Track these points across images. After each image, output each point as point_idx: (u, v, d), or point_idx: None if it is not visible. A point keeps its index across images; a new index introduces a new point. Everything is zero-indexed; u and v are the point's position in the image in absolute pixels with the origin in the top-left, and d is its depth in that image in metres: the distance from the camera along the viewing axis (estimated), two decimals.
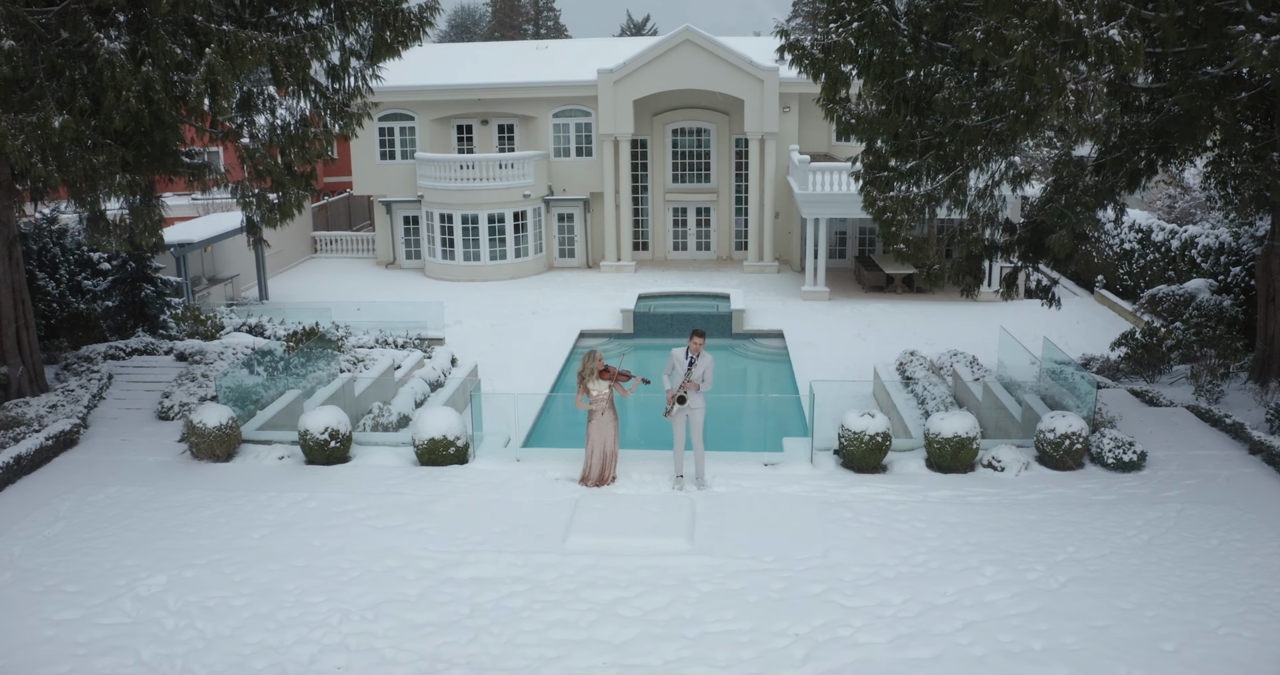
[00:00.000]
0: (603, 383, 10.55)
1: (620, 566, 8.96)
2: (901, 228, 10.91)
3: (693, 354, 10.41)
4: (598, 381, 10.53)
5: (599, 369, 10.52)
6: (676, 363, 10.49)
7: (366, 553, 9.28)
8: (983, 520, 9.83)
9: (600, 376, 10.51)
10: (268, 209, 11.63)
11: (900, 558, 9.06)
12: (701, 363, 10.41)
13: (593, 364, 10.52)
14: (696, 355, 10.41)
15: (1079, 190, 10.78)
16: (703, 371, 10.40)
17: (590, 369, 10.52)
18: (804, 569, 8.86)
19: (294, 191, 11.48)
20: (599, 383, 10.53)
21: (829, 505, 10.20)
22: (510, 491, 10.65)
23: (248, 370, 13.93)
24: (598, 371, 10.51)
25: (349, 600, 8.45)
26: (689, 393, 10.32)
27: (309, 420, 11.51)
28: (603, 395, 10.54)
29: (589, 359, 10.58)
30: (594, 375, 10.51)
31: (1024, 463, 11.14)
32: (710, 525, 9.79)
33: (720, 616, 8.12)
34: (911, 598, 8.33)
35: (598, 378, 10.52)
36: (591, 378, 10.52)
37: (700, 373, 10.38)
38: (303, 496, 10.64)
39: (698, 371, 10.36)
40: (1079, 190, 10.78)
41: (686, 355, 10.44)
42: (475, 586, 8.62)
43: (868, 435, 10.96)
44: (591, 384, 10.52)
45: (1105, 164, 11.83)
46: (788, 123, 29.35)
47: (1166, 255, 22.76)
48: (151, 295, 19.41)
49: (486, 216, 28.85)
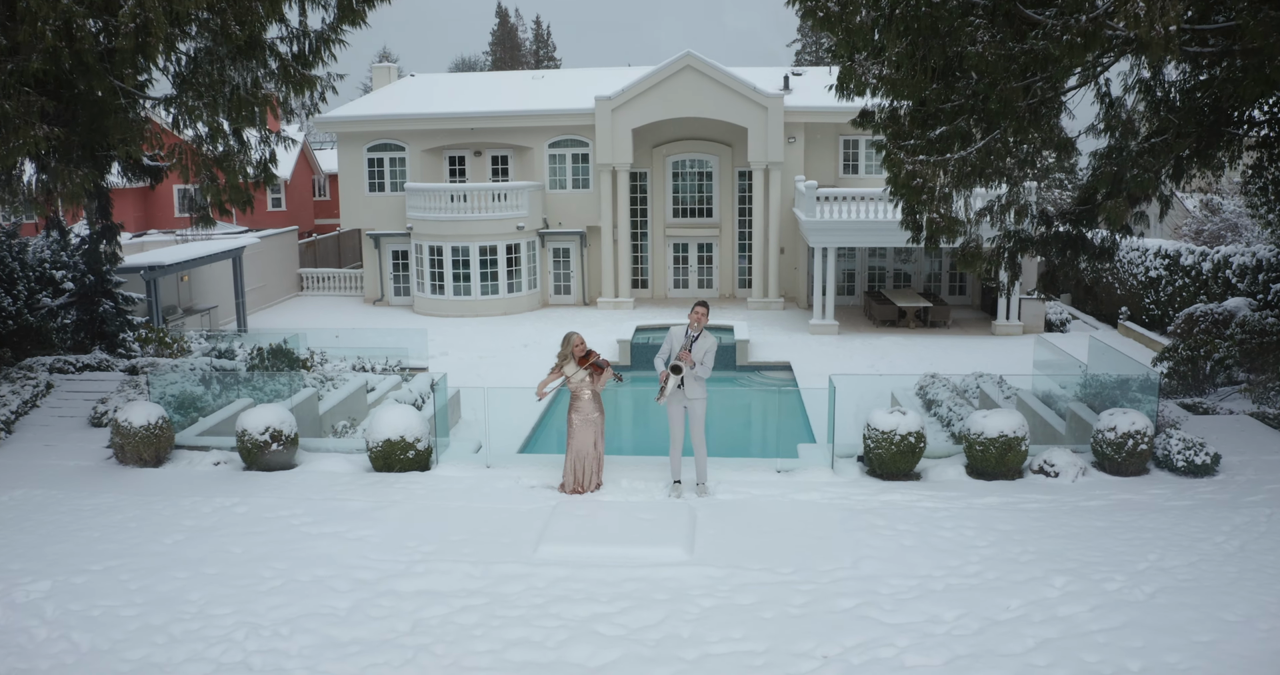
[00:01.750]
0: (581, 369, 9.00)
1: (601, 579, 7.28)
2: (933, 196, 9.49)
3: (693, 331, 8.89)
4: (575, 367, 8.98)
5: (579, 354, 8.98)
6: (674, 341, 8.96)
7: (294, 561, 7.61)
8: (1042, 527, 8.15)
9: (579, 363, 8.97)
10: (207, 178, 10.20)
11: (948, 568, 7.37)
12: (703, 343, 8.88)
13: (570, 347, 9.00)
14: (698, 333, 8.88)
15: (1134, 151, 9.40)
16: (704, 353, 8.85)
17: (567, 352, 8.99)
18: (830, 581, 7.18)
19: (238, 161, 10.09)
20: (577, 369, 8.98)
21: (856, 512, 8.54)
22: (476, 499, 9.00)
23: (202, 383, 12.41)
24: (577, 356, 8.97)
25: (262, 613, 6.76)
26: (684, 365, 8.74)
27: (248, 418, 9.92)
28: (582, 383, 8.97)
29: (568, 341, 9.06)
30: (571, 359, 8.97)
31: (1081, 467, 9.49)
32: (713, 534, 8.12)
33: (726, 635, 6.42)
34: (967, 612, 6.63)
35: (576, 363, 8.97)
36: (568, 362, 8.98)
37: (701, 354, 8.83)
38: (232, 501, 9.00)
39: (698, 351, 8.82)
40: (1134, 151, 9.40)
41: (686, 333, 8.91)
42: (421, 600, 6.94)
43: (898, 435, 9.34)
44: (568, 368, 8.98)
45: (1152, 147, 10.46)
46: (793, 154, 28.26)
47: (1197, 279, 21.33)
48: (110, 311, 17.93)
49: (478, 249, 27.55)
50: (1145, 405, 10.45)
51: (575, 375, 8.99)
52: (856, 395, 11.09)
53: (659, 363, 9.02)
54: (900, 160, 9.45)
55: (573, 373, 8.99)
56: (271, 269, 30.38)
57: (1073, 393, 12.34)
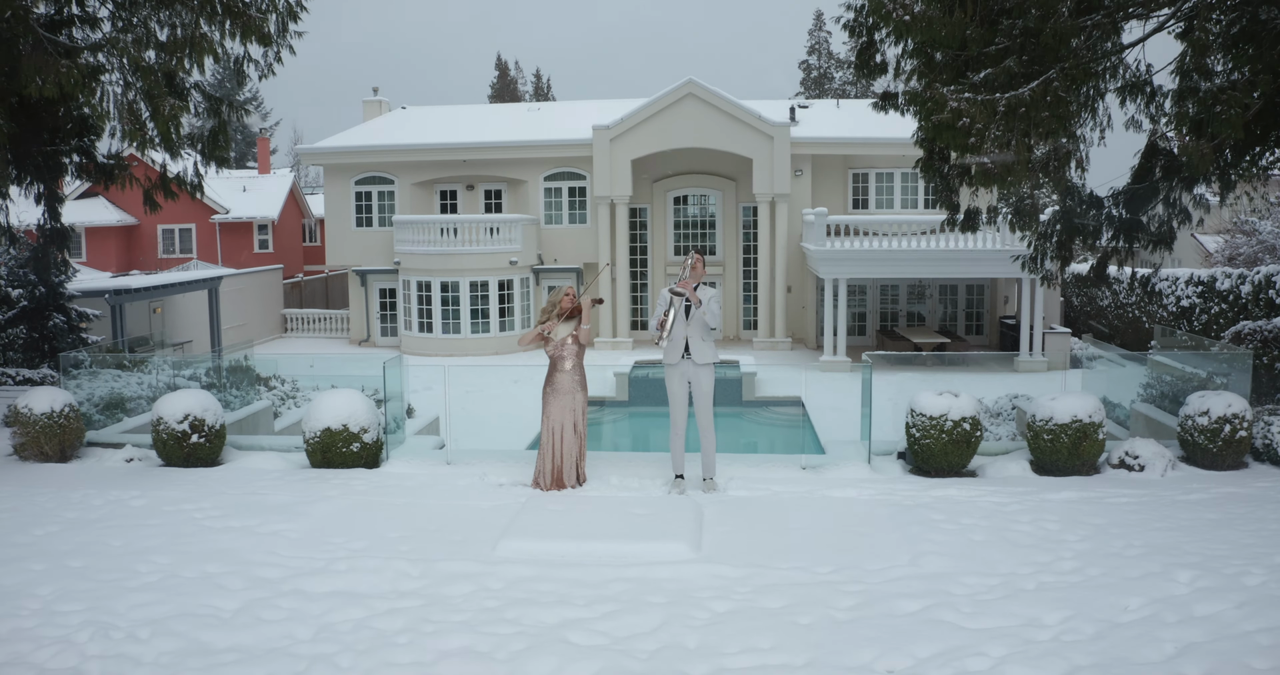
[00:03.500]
0: (566, 326, 7.39)
1: (579, 579, 5.52)
2: (983, 138, 8.00)
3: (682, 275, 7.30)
4: (560, 325, 7.37)
5: (567, 307, 7.38)
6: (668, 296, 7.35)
7: (182, 555, 5.86)
8: (1142, 520, 6.40)
9: (566, 316, 7.37)
10: (133, 126, 8.71)
11: (1037, 564, 5.61)
12: (705, 290, 7.30)
13: (559, 299, 7.41)
14: (697, 281, 7.27)
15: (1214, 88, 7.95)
16: (708, 299, 7.25)
17: (556, 301, 7.40)
18: (883, 581, 5.42)
19: (168, 103, 8.63)
20: (561, 326, 7.37)
21: (905, 508, 6.79)
22: (427, 496, 7.27)
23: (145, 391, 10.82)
24: (564, 312, 7.37)
25: (122, 612, 5.01)
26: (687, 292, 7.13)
27: (164, 405, 8.25)
28: (564, 345, 7.35)
29: (557, 293, 7.48)
30: (557, 315, 7.36)
31: (1170, 459, 7.77)
32: (727, 530, 6.37)
33: (749, 644, 4.65)
34: (1075, 614, 4.86)
35: (562, 319, 7.37)
36: (556, 319, 7.37)
37: (706, 299, 7.24)
38: (131, 495, 7.28)
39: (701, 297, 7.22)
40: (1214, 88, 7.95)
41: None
42: (334, 601, 5.17)
43: (949, 421, 7.64)
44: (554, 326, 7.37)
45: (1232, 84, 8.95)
46: (800, 187, 27.00)
47: (1235, 303, 19.79)
48: (62, 327, 16.35)
49: (469, 284, 26.08)
50: (1240, 368, 8.80)
51: (557, 334, 7.36)
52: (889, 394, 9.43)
53: (652, 322, 7.39)
54: (943, 97, 7.99)
55: (555, 333, 7.37)
56: (253, 308, 28.90)
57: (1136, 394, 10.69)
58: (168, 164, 11.41)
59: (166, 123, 8.71)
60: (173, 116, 8.73)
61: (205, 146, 10.72)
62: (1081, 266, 31.30)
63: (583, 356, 7.45)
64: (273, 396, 14.10)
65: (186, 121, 13.25)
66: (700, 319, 7.23)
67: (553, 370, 7.42)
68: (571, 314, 7.41)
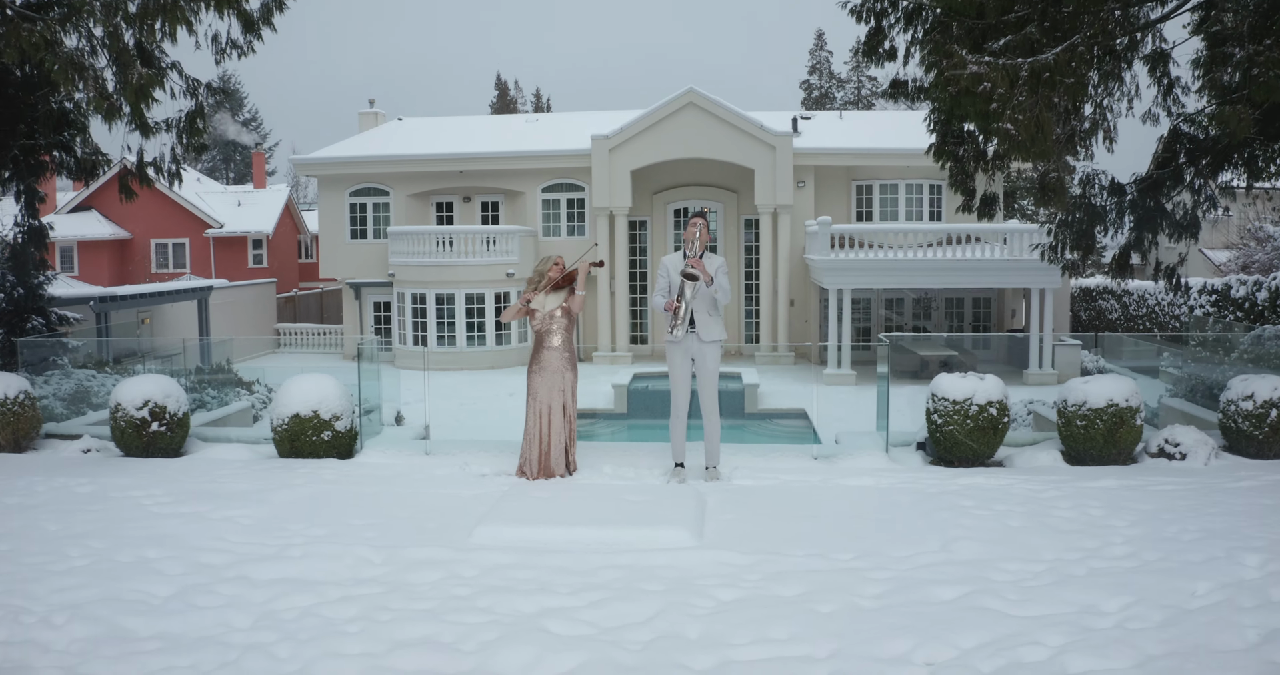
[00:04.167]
0: (555, 297, 6.78)
1: (563, 566, 4.86)
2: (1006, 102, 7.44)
3: (691, 250, 6.66)
4: (547, 296, 6.76)
5: (555, 276, 6.77)
6: (671, 270, 6.72)
7: (120, 539, 5.20)
8: (1195, 506, 5.74)
9: (555, 286, 6.76)
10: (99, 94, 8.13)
11: (1085, 550, 4.95)
12: (710, 259, 6.67)
13: (548, 267, 6.80)
14: (701, 249, 6.65)
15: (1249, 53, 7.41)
16: (714, 270, 6.63)
17: (544, 271, 6.79)
18: (914, 567, 4.75)
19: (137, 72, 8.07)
20: (549, 298, 6.76)
21: (930, 495, 6.13)
22: (401, 484, 6.61)
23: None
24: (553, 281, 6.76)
25: (40, 596, 4.36)
26: (699, 273, 6.45)
27: (122, 390, 7.61)
28: (551, 318, 6.73)
29: (546, 261, 6.86)
30: (545, 284, 6.75)
31: (1213, 447, 7.11)
32: (732, 518, 5.72)
33: (761, 634, 3.99)
34: (1137, 600, 4.20)
35: (551, 287, 6.76)
36: (542, 289, 6.76)
37: (712, 270, 6.61)
38: (79, 481, 6.63)
39: (709, 267, 6.60)
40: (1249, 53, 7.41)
41: (684, 257, 6.68)
42: (281, 588, 4.51)
43: (974, 405, 6.99)
44: (540, 298, 6.76)
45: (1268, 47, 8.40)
46: (803, 199, 26.50)
47: (1252, 310, 19.22)
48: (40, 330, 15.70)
49: (464, 297, 25.50)
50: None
51: (545, 307, 6.75)
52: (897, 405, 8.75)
53: (657, 300, 6.76)
54: (962, 60, 7.44)
55: (542, 305, 6.75)
56: (245, 322, 28.31)
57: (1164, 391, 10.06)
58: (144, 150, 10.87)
59: (135, 92, 8.15)
60: (141, 86, 8.16)
61: (183, 130, 10.16)
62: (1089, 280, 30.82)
63: (573, 331, 6.82)
64: (254, 399, 13.47)
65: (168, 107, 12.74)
66: (709, 293, 6.61)
67: (539, 346, 6.80)
68: (560, 285, 6.80)
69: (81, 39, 8.46)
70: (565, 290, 6.82)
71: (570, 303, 6.76)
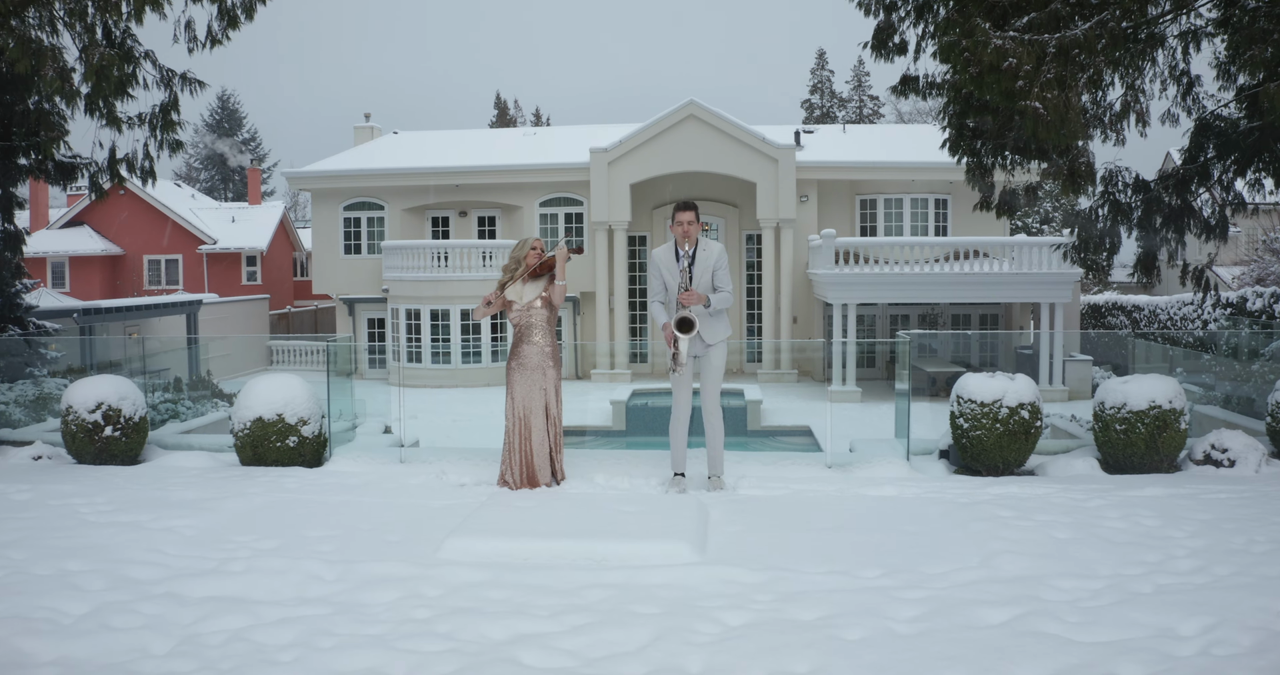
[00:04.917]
0: (534, 286, 6.16)
1: (543, 584, 4.21)
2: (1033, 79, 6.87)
3: (683, 248, 6.04)
4: (525, 285, 6.15)
5: (533, 262, 6.15)
6: (663, 266, 6.09)
7: (43, 550, 4.56)
8: (1259, 515, 5.09)
9: (533, 274, 6.14)
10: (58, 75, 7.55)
11: (1147, 565, 4.30)
12: (705, 256, 6.03)
13: (524, 252, 6.19)
14: (692, 246, 6.03)
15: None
16: (710, 271, 5.99)
17: (520, 256, 6.17)
18: (951, 586, 4.10)
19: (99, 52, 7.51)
20: (527, 287, 6.15)
21: (963, 506, 5.48)
22: (369, 494, 5.96)
23: None
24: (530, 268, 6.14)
25: None
26: (691, 309, 5.84)
27: (74, 392, 6.98)
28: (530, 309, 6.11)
29: (523, 246, 6.24)
30: (523, 271, 6.14)
31: (1264, 453, 6.47)
32: (739, 530, 5.06)
33: (776, 667, 3.33)
34: (1219, 621, 3.55)
35: (528, 276, 6.15)
36: (517, 277, 6.15)
37: (708, 275, 5.98)
38: (17, 488, 5.99)
39: (701, 272, 5.96)
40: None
41: (676, 255, 6.06)
42: (212, 607, 3.85)
43: (1004, 408, 6.35)
44: (514, 290, 6.15)
45: None
46: (805, 213, 25.98)
47: (1269, 324, 18.62)
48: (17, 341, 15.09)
49: (460, 312, 24.90)
50: None
51: (523, 297, 6.13)
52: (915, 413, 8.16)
53: (656, 309, 6.12)
54: (986, 35, 6.89)
55: (520, 296, 6.14)
56: (240, 340, 27.69)
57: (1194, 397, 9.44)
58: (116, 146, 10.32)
59: (96, 72, 7.59)
60: (103, 66, 7.61)
61: (157, 124, 9.61)
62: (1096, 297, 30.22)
63: (554, 324, 6.21)
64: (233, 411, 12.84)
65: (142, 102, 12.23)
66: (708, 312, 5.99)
67: (518, 341, 6.19)
68: (539, 272, 6.18)
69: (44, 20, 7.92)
70: (544, 279, 6.21)
71: (550, 292, 6.14)
